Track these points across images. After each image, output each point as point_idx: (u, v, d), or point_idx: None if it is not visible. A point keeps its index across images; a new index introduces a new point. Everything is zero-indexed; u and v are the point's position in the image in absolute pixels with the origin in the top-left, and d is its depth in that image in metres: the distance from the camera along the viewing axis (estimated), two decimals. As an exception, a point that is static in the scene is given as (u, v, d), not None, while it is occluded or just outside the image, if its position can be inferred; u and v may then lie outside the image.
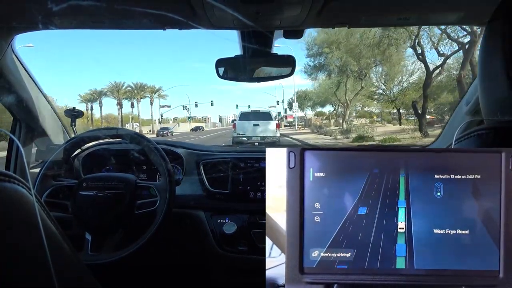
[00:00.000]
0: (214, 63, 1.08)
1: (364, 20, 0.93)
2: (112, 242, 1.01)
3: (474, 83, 1.01)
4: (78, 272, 0.46)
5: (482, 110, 0.71)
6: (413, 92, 15.56)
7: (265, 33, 0.96)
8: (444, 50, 11.96)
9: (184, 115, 52.92)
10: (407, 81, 16.27)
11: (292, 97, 29.63)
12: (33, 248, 0.36)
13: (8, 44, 1.03)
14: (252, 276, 1.09)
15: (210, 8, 0.78)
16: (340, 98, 18.96)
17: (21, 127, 1.23)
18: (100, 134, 1.14)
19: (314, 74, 17.54)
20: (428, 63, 12.28)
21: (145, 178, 1.31)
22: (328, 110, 29.21)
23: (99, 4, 0.77)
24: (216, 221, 1.24)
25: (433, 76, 12.37)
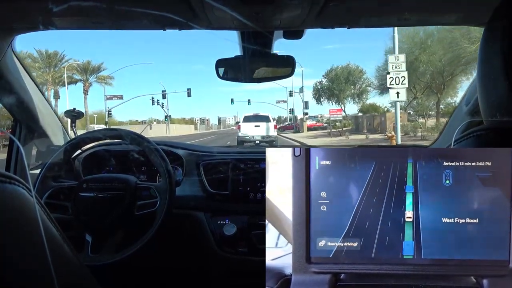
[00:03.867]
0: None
1: (364, 20, 0.93)
2: (112, 243, 1.01)
3: (474, 83, 1.01)
4: (78, 273, 0.46)
5: (481, 111, 0.72)
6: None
7: (265, 34, 0.96)
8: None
9: (178, 115, 45.54)
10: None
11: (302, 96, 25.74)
12: (34, 249, 0.36)
13: (9, 45, 1.03)
14: (252, 277, 1.09)
15: (210, 8, 0.78)
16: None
17: (21, 128, 1.23)
18: (100, 135, 1.14)
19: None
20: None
21: (145, 179, 1.31)
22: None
23: (99, 4, 0.77)
24: (216, 222, 1.24)
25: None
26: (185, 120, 59.67)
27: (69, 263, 0.44)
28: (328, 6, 0.78)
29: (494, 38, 0.67)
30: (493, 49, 0.66)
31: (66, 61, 25.52)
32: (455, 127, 0.80)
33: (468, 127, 0.68)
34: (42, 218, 0.38)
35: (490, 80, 0.67)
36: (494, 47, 0.66)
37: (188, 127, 44.27)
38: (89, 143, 1.18)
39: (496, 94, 0.65)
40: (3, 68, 1.04)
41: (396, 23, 1.00)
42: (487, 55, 0.68)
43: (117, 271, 1.07)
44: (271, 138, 12.08)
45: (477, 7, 0.83)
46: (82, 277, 0.47)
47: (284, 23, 0.91)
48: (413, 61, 14.84)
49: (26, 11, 0.85)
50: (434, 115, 17.95)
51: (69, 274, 0.43)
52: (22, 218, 0.36)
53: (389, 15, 0.91)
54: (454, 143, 0.63)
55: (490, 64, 0.67)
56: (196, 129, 53.57)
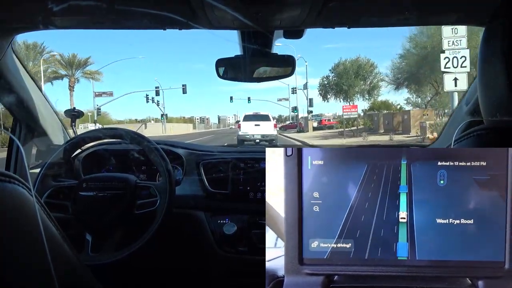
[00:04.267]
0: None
1: (364, 20, 0.93)
2: (112, 243, 1.01)
3: (474, 83, 1.01)
4: (78, 272, 0.46)
5: (481, 111, 0.72)
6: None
7: (265, 33, 0.96)
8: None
9: (178, 114, 42.14)
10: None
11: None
12: (34, 249, 0.36)
13: (9, 44, 1.03)
14: (253, 277, 1.09)
15: (210, 8, 0.78)
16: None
17: (21, 127, 1.23)
18: (100, 134, 1.14)
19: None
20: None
21: (145, 178, 1.31)
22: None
23: (99, 4, 0.77)
24: (216, 222, 1.24)
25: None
26: (184, 119, 58.34)
27: (69, 262, 0.44)
28: (328, 6, 0.78)
29: (494, 38, 0.67)
30: (493, 49, 0.66)
31: (48, 53, 23.64)
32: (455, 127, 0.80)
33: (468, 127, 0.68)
34: (42, 217, 0.38)
35: (490, 80, 0.67)
36: (494, 47, 0.66)
37: (186, 126, 42.96)
38: (89, 142, 1.18)
39: (496, 94, 0.65)
40: (3, 67, 1.04)
41: (396, 23, 1.00)
42: (487, 55, 0.68)
43: (117, 270, 1.07)
44: (271, 137, 12.32)
45: (477, 7, 0.83)
46: (82, 276, 0.47)
47: (284, 23, 0.91)
48: (427, 54, 14.03)
49: (26, 11, 0.85)
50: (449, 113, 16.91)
51: (69, 273, 0.43)
52: (22, 217, 0.36)
53: (389, 15, 0.91)
54: (454, 143, 0.63)
55: (490, 64, 0.67)
56: (194, 128, 51.96)
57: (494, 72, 0.65)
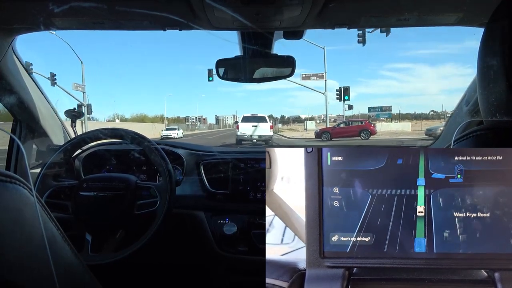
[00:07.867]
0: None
1: (363, 21, 0.94)
2: (112, 243, 1.02)
3: (473, 83, 1.01)
4: (78, 272, 0.46)
5: (481, 111, 0.72)
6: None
7: (265, 34, 0.96)
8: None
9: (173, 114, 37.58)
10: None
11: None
12: (34, 249, 0.36)
13: (9, 45, 1.03)
14: (252, 276, 1.09)
15: (210, 9, 0.78)
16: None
17: (22, 127, 1.23)
18: (100, 135, 1.14)
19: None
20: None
21: (145, 179, 1.31)
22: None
23: (100, 5, 0.77)
24: (216, 222, 1.24)
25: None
26: (174, 119, 57.47)
27: (69, 262, 0.44)
28: (328, 6, 0.78)
29: (494, 38, 0.67)
30: (493, 49, 0.66)
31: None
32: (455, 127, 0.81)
33: (468, 127, 0.68)
34: (43, 217, 0.38)
35: (490, 80, 0.67)
36: (494, 47, 0.66)
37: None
38: (90, 143, 1.18)
39: (496, 94, 0.65)
40: (3, 68, 1.05)
41: (396, 23, 1.00)
42: (487, 55, 0.69)
43: (117, 270, 1.07)
44: (266, 137, 13.38)
45: (477, 7, 0.83)
46: (82, 276, 0.47)
47: (284, 24, 0.91)
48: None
49: (27, 12, 0.86)
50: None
51: (69, 273, 0.43)
52: (23, 217, 0.36)
53: (389, 15, 0.92)
54: (454, 143, 0.63)
55: (490, 64, 0.67)
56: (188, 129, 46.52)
57: (494, 73, 0.65)
